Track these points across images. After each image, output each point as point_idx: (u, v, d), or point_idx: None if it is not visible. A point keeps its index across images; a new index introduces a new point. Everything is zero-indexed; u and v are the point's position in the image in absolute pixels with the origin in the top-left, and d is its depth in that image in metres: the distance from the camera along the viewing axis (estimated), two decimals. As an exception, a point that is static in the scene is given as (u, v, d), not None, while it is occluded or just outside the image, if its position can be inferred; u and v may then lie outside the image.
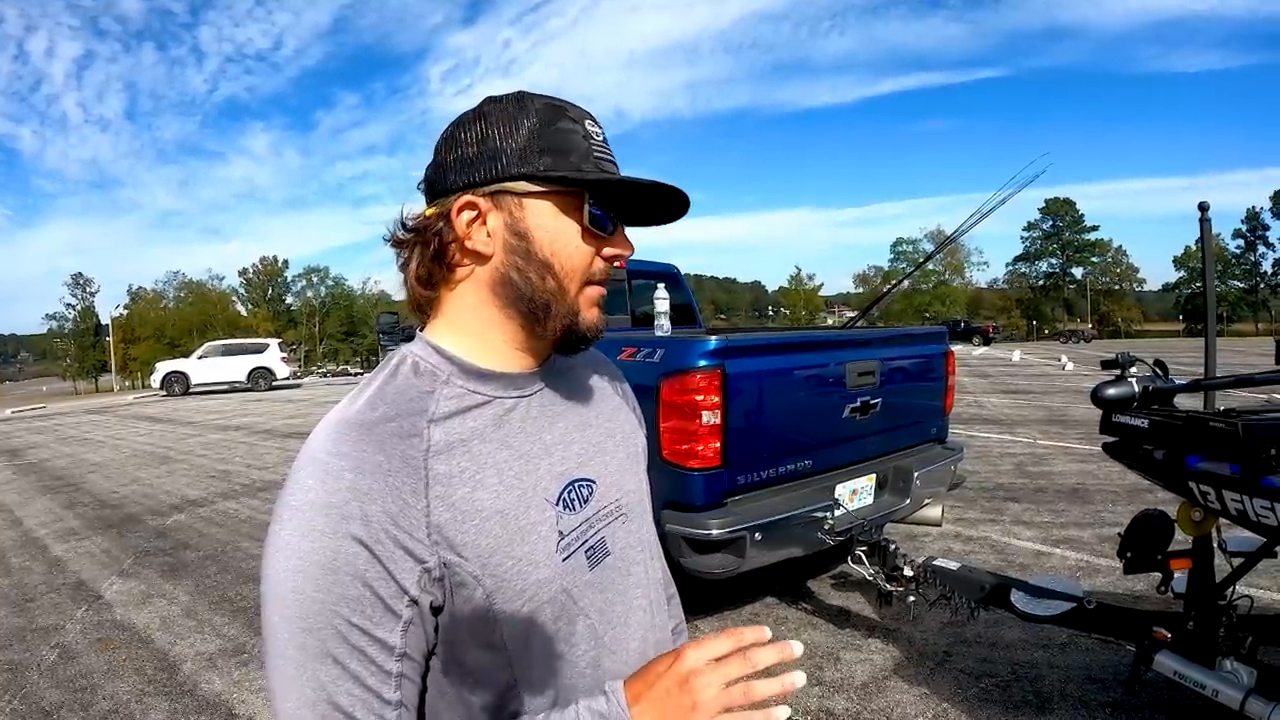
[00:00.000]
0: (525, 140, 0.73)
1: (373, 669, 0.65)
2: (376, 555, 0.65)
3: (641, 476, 0.92)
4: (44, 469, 10.23)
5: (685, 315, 5.50)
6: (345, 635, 0.64)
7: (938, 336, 4.21)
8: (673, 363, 2.99)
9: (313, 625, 0.64)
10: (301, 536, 0.65)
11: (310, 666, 0.64)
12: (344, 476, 0.66)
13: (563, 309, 0.76)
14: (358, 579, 0.65)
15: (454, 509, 0.69)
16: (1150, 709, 2.77)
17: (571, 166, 0.73)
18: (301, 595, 0.64)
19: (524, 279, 0.75)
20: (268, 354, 25.96)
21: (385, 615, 0.66)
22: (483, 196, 0.73)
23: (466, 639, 0.71)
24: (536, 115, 0.74)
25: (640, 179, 0.73)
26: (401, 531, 0.66)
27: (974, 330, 46.09)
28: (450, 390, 0.75)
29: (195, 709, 3.18)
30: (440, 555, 0.68)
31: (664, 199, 0.78)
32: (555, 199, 0.74)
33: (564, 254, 0.74)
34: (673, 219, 0.81)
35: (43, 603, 4.61)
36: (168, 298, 67.26)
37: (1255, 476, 2.03)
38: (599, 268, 0.77)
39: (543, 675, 0.75)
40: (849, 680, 3.17)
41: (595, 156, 0.74)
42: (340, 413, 0.73)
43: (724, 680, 0.61)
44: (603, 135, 0.77)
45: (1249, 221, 68.98)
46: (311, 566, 0.64)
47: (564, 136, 0.73)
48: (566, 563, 0.76)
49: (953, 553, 4.59)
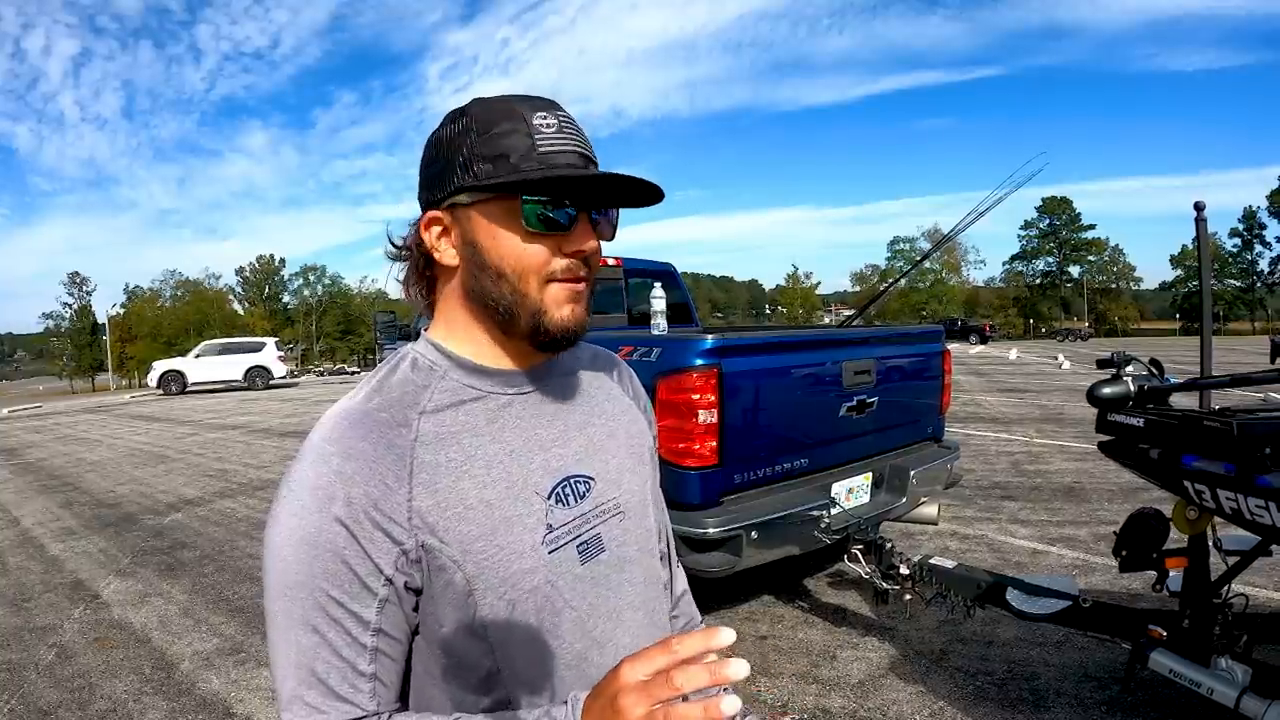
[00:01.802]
0: (466, 152, 0.75)
1: (348, 640, 0.71)
2: (355, 535, 0.71)
3: (645, 476, 0.93)
4: (41, 468, 10.21)
5: (682, 314, 5.50)
6: (324, 607, 0.71)
7: (934, 335, 4.22)
8: (669, 362, 3.00)
9: (296, 595, 0.71)
10: (291, 514, 0.71)
11: (294, 632, 0.71)
12: (332, 462, 0.72)
13: (525, 311, 0.77)
14: (337, 556, 0.70)
15: (437, 495, 0.74)
16: (1145, 707, 2.78)
17: (510, 169, 0.73)
18: (287, 565, 0.71)
19: (483, 286, 0.77)
20: (264, 353, 25.90)
21: (362, 591, 0.71)
22: (443, 211, 0.78)
23: (449, 623, 0.75)
24: (476, 123, 0.75)
25: (565, 174, 0.73)
26: (381, 515, 0.71)
27: (971, 329, 46.18)
28: (445, 384, 0.79)
29: (193, 708, 3.18)
30: (419, 538, 0.73)
31: (634, 181, 0.77)
32: (495, 205, 0.75)
33: (511, 258, 0.76)
34: (651, 202, 0.80)
35: (40, 602, 4.60)
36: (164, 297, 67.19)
37: (1250, 475, 2.03)
38: (559, 265, 0.76)
39: (526, 665, 0.78)
40: (845, 678, 3.17)
41: (540, 152, 0.73)
42: (342, 404, 0.78)
43: (650, 702, 0.59)
44: (557, 124, 0.75)
45: (1246, 220, 69.14)
46: (297, 541, 0.71)
47: (501, 140, 0.74)
48: (554, 555, 0.79)
49: (949, 551, 4.60)
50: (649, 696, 0.59)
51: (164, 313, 64.01)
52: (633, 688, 0.60)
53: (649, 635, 0.88)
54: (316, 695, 0.71)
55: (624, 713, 0.60)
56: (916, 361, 3.98)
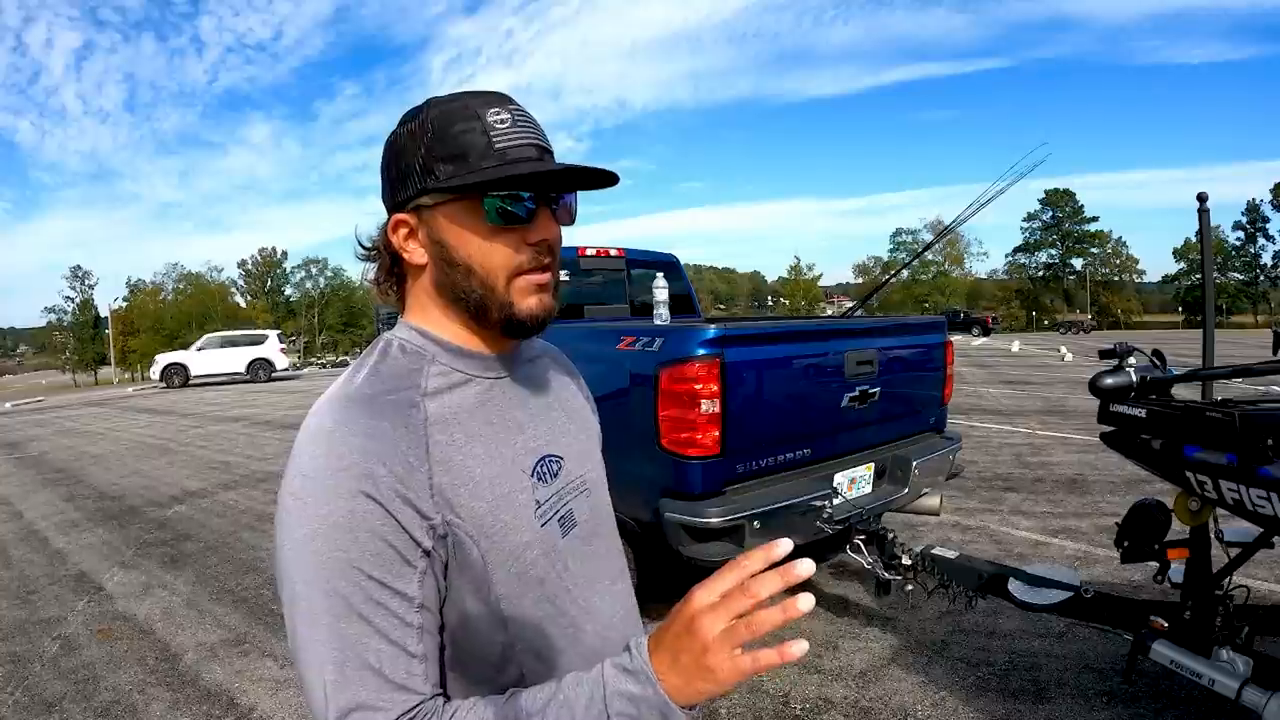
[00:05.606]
0: (426, 154, 0.77)
1: (395, 622, 0.70)
2: (390, 511, 0.70)
3: (599, 457, 0.99)
4: (44, 462, 10.24)
5: (684, 305, 5.49)
6: (367, 591, 0.69)
7: (936, 326, 4.21)
8: (671, 352, 2.99)
9: (336, 585, 0.69)
10: (317, 501, 0.70)
11: (337, 627, 0.68)
12: (352, 441, 0.72)
13: (495, 303, 0.80)
14: (374, 534, 0.70)
15: (451, 474, 0.75)
16: (1147, 698, 2.78)
17: (469, 168, 0.75)
18: (320, 556, 0.69)
19: (453, 281, 0.80)
20: (267, 345, 25.92)
21: (403, 567, 0.71)
22: (409, 214, 0.80)
23: (467, 598, 0.76)
24: (432, 124, 0.77)
25: (524, 171, 0.75)
26: (409, 490, 0.72)
27: (973, 321, 46.06)
28: (436, 368, 0.81)
29: (197, 699, 3.19)
30: (443, 515, 0.74)
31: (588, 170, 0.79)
32: (458, 204, 0.77)
33: (478, 254, 0.78)
34: (606, 184, 0.81)
35: (44, 595, 4.63)
36: (166, 290, 67.06)
37: (1252, 466, 2.03)
38: (524, 258, 0.79)
39: (535, 637, 0.80)
40: (847, 668, 3.18)
41: (497, 148, 0.76)
42: (341, 389, 0.79)
43: (729, 616, 0.61)
44: (511, 118, 0.77)
45: (1249, 214, 68.89)
46: (329, 528, 0.69)
47: (458, 139, 0.76)
48: (544, 529, 0.82)
49: (951, 542, 4.61)
50: (726, 611, 0.62)
51: (166, 306, 63.88)
52: (707, 608, 0.62)
53: (625, 603, 0.93)
54: (372, 691, 0.68)
55: (702, 633, 0.62)
56: (919, 352, 3.98)
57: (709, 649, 0.62)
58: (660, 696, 0.64)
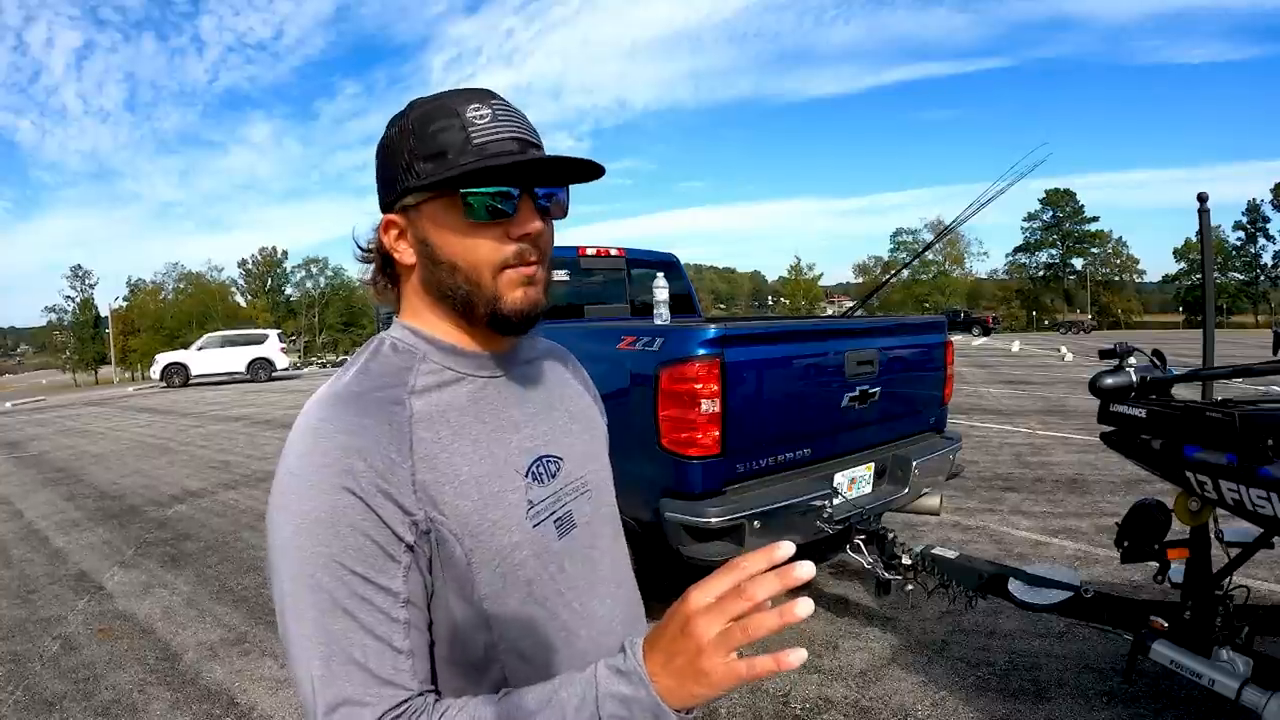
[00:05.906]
0: (408, 154, 0.77)
1: (380, 617, 0.70)
2: (370, 505, 0.70)
3: (604, 459, 0.98)
4: (45, 461, 10.24)
5: (684, 304, 5.49)
6: (351, 586, 0.69)
7: (937, 326, 4.21)
8: (672, 351, 2.99)
9: (320, 581, 0.69)
10: (300, 498, 0.71)
11: (322, 623, 0.69)
12: (336, 438, 0.72)
13: (482, 299, 0.80)
14: (355, 529, 0.70)
15: (436, 471, 0.75)
16: (1147, 698, 2.78)
17: (448, 165, 0.75)
18: (304, 552, 0.69)
19: (439, 280, 0.81)
20: (267, 345, 25.92)
21: (386, 562, 0.71)
22: (397, 214, 0.81)
23: (451, 597, 0.76)
24: (413, 124, 0.78)
25: (495, 163, 0.74)
26: (390, 486, 0.72)
27: (973, 320, 46.06)
28: (427, 366, 0.82)
29: (197, 698, 3.20)
30: (426, 511, 0.74)
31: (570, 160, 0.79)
32: (439, 202, 0.78)
33: (461, 251, 0.78)
34: (593, 177, 0.82)
35: (44, 594, 4.63)
36: (167, 289, 67.08)
37: (1252, 466, 2.03)
38: (509, 252, 0.79)
39: (520, 639, 0.79)
40: (847, 668, 3.18)
41: (475, 144, 0.75)
42: (329, 387, 0.80)
43: (725, 619, 0.60)
44: (491, 114, 0.77)
45: (1249, 214, 68.86)
46: (311, 524, 0.70)
47: (437, 138, 0.76)
48: (536, 529, 0.81)
49: (951, 542, 4.60)
50: (722, 614, 0.61)
51: (166, 305, 63.90)
52: (703, 610, 0.61)
53: (624, 608, 0.92)
54: (358, 687, 0.68)
55: (697, 635, 0.61)
56: (919, 352, 3.98)
57: (704, 652, 0.61)
58: (652, 698, 0.64)
